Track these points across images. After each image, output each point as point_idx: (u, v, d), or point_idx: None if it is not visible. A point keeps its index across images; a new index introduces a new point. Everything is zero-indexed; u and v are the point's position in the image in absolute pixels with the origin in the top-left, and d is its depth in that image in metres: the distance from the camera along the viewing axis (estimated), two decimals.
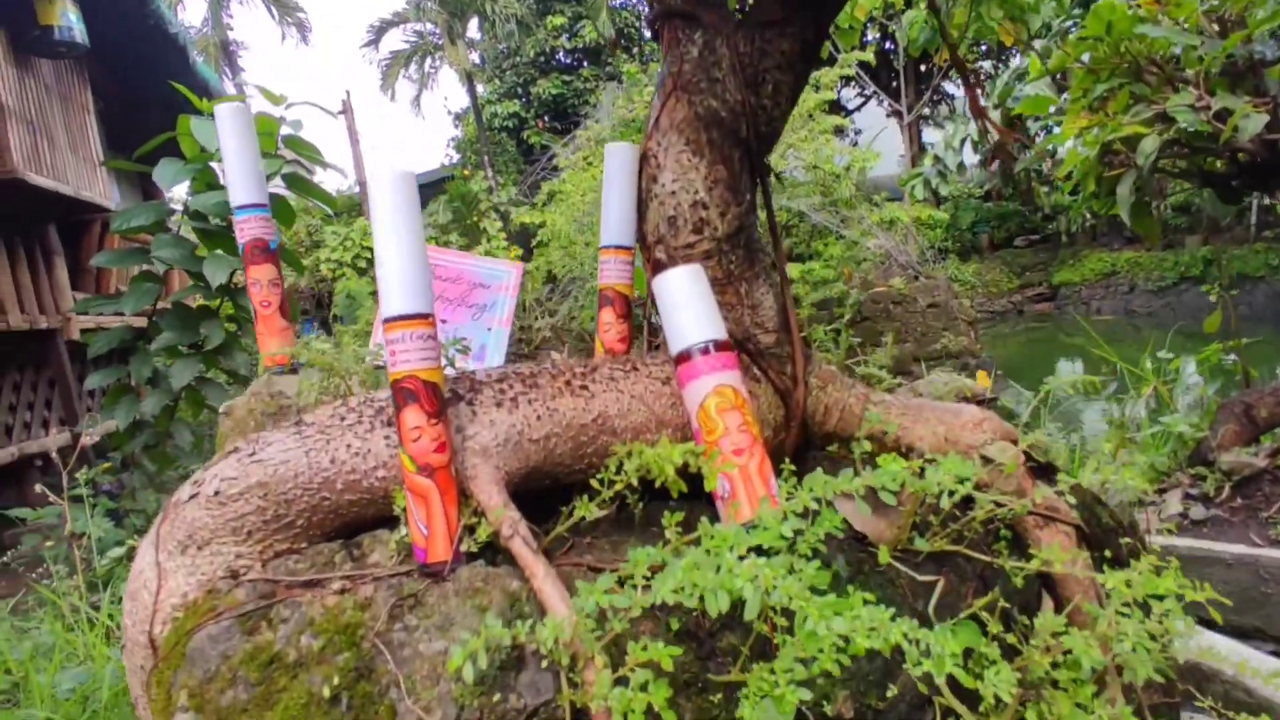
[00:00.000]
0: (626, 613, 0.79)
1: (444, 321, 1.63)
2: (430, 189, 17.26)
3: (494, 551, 0.99)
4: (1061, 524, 1.28)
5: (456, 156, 17.33)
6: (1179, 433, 3.29)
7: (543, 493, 1.14)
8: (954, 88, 14.98)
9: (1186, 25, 2.98)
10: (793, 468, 1.26)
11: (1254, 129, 2.56)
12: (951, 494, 1.07)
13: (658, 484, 1.04)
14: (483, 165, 16.44)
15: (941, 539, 1.17)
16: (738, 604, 0.78)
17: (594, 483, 1.08)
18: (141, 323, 3.69)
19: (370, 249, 13.88)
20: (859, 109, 17.14)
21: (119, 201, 9.66)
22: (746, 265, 1.37)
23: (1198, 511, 3.07)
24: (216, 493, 0.97)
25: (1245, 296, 12.15)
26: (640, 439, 1.16)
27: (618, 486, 1.05)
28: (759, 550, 0.86)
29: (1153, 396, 3.85)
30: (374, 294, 13.58)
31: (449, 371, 1.33)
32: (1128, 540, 1.41)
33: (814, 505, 0.96)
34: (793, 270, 11.79)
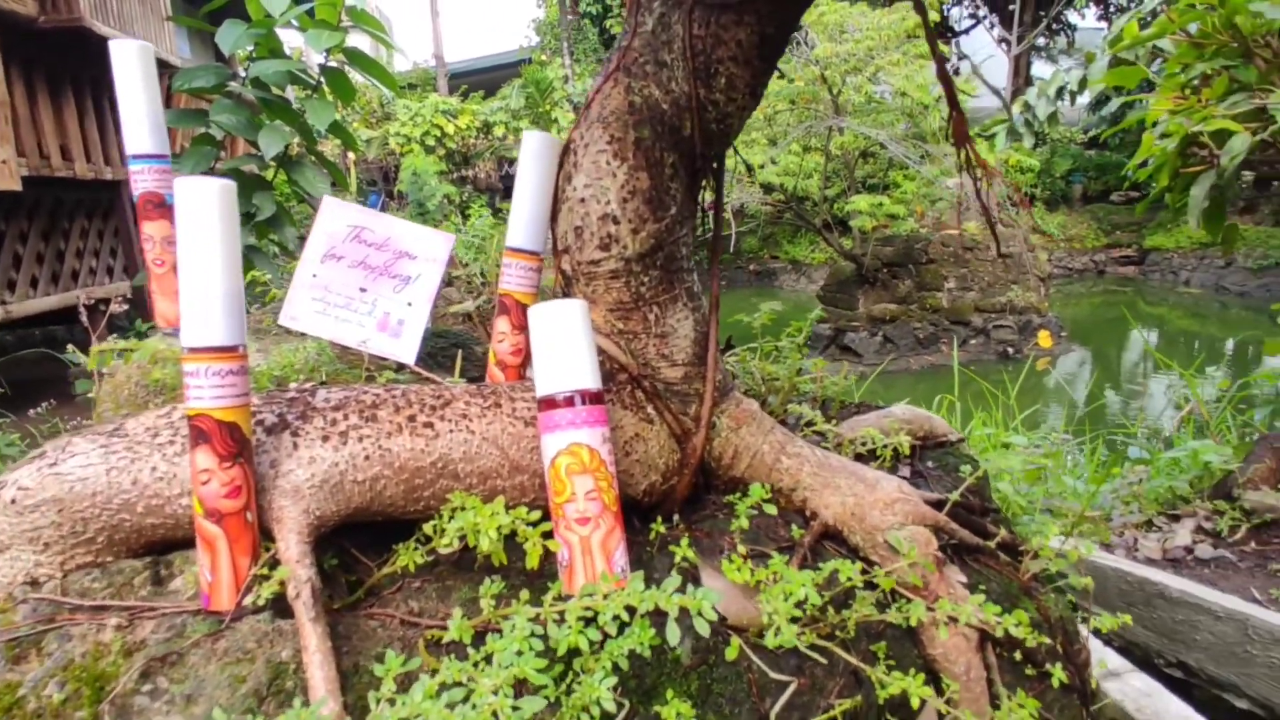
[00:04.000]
0: None
1: (363, 290, 1.54)
2: (506, 71, 16.80)
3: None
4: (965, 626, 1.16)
5: (536, 39, 16.71)
6: (1206, 462, 3.03)
7: (384, 522, 1.08)
8: (1078, 17, 13.49)
9: None
10: (661, 529, 1.16)
11: None
12: (801, 605, 0.96)
13: (478, 553, 0.95)
14: (561, 52, 15.84)
15: (809, 632, 1.07)
16: None
17: (427, 528, 1.00)
18: None
19: (440, 127, 13.73)
20: (966, 32, 15.65)
21: (189, 59, 9.68)
22: (662, 288, 1.22)
23: (1205, 550, 2.86)
24: (13, 501, 0.93)
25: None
26: (488, 484, 1.07)
27: (445, 540, 0.97)
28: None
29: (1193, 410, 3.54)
30: (438, 174, 13.54)
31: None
32: (1048, 642, 1.27)
33: (641, 606, 0.87)
34: (862, 202, 11.24)
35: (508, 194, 15.91)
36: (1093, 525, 2.49)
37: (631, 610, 0.87)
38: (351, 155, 13.72)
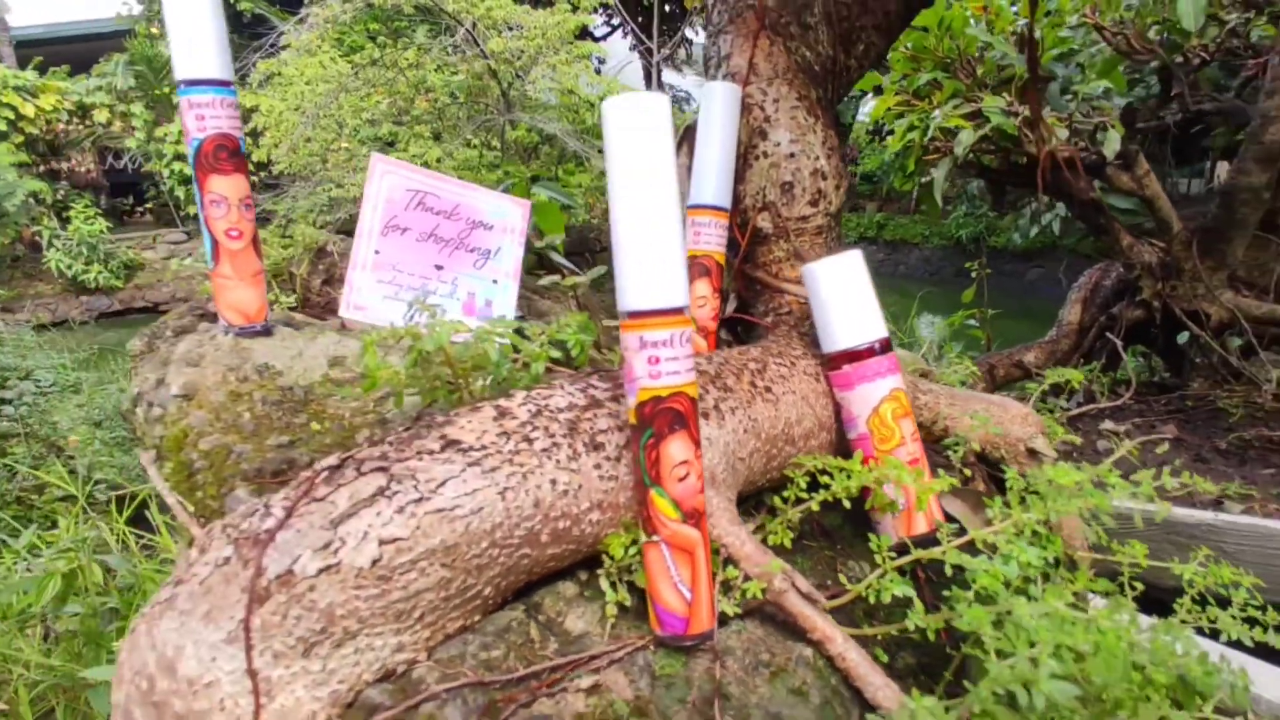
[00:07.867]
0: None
1: (439, 268, 1.27)
2: (101, 42, 13.68)
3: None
4: None
5: (139, 7, 13.82)
6: (954, 381, 3.91)
7: None
8: (693, 33, 15.57)
9: (1000, 35, 3.39)
10: None
11: (1059, 139, 3.02)
12: None
13: (867, 506, 0.92)
14: None
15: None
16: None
17: (776, 501, 0.92)
18: None
19: (14, 108, 10.59)
20: (604, 38, 17.03)
21: None
22: (838, 245, 1.26)
23: None
24: (374, 563, 0.63)
25: (902, 258, 14.70)
26: (808, 445, 1.02)
27: (812, 505, 0.91)
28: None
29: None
30: (18, 166, 10.45)
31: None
32: None
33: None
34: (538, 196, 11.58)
35: (116, 191, 13.00)
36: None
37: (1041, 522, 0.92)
38: None
